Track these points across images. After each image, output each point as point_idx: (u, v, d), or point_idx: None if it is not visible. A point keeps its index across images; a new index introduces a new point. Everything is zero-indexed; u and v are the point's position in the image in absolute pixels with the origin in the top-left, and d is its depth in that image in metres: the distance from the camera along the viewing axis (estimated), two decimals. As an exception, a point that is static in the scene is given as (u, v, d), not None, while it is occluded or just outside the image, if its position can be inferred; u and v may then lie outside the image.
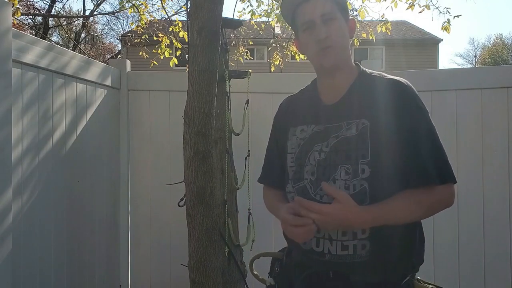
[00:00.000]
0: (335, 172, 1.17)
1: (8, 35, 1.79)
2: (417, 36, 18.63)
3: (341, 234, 1.16)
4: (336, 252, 1.17)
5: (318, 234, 1.19)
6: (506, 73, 2.65)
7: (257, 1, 4.93)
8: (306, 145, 1.26)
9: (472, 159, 2.62)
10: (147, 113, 3.01)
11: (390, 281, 1.17)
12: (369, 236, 1.15)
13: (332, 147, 1.20)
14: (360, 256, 1.15)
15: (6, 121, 1.78)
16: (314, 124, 1.27)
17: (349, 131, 1.19)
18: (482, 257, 2.62)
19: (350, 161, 1.16)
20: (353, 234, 1.15)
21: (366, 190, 1.13)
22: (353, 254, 1.16)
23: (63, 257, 2.27)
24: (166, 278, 2.97)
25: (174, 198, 2.30)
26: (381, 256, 1.16)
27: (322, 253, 1.20)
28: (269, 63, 6.58)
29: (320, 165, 1.21)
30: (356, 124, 1.19)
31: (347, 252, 1.16)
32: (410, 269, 1.20)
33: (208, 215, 1.97)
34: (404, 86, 1.20)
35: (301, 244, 1.23)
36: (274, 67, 5.96)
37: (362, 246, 1.15)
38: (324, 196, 1.18)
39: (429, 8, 4.33)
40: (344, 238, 1.16)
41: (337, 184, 1.17)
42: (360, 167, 1.14)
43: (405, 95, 1.18)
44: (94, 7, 16.49)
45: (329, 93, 1.29)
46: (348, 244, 1.16)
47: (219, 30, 1.97)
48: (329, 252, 1.18)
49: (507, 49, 31.88)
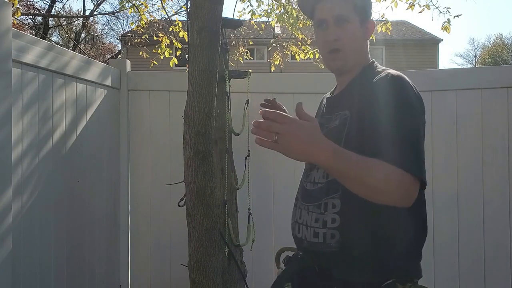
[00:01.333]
0: None
1: (8, 35, 1.79)
2: (417, 36, 18.63)
3: (314, 220, 1.20)
4: (309, 239, 1.21)
5: (299, 220, 1.26)
6: (506, 73, 2.65)
7: (257, 1, 4.93)
8: None
9: (472, 159, 2.62)
10: (147, 113, 3.01)
11: (369, 281, 1.13)
12: (339, 226, 1.15)
13: None
14: (329, 246, 1.16)
15: (6, 121, 1.78)
16: (320, 116, 1.37)
17: (333, 123, 1.24)
18: (482, 257, 2.62)
19: None
20: (323, 222, 1.17)
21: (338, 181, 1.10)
22: (323, 243, 1.17)
23: (63, 257, 2.27)
24: (166, 278, 2.97)
25: (174, 198, 2.30)
26: (351, 249, 1.15)
27: (301, 240, 1.25)
28: (269, 63, 6.58)
29: None
30: (340, 115, 1.23)
31: (318, 240, 1.18)
32: (394, 271, 1.14)
33: (208, 215, 1.97)
34: (394, 80, 1.14)
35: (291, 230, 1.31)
36: (274, 67, 5.96)
37: (332, 236, 1.16)
38: (309, 183, 1.27)
39: (429, 8, 4.33)
40: (316, 225, 1.19)
41: (320, 172, 1.23)
42: None
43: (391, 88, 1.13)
44: (94, 7, 16.50)
45: (338, 88, 1.36)
46: (319, 231, 1.18)
47: (219, 30, 1.97)
48: (305, 238, 1.22)
49: (507, 49, 31.87)
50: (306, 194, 1.27)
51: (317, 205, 1.20)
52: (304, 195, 1.29)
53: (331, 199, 1.17)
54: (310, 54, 5.34)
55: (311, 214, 1.21)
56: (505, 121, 2.58)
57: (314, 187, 1.24)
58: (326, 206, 1.18)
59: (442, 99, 2.66)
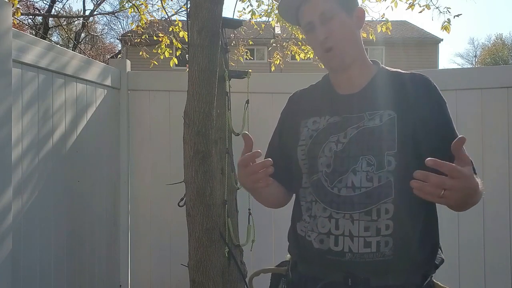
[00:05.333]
0: (355, 163, 1.12)
1: (8, 35, 1.79)
2: (417, 36, 18.63)
3: (363, 229, 1.09)
4: (358, 250, 1.09)
5: (336, 232, 1.12)
6: (506, 73, 2.65)
7: (257, 1, 4.93)
8: (319, 136, 1.20)
9: (472, 159, 2.61)
10: (147, 113, 3.01)
11: (412, 283, 1.12)
12: (393, 232, 1.09)
13: (352, 137, 1.15)
14: (383, 254, 1.09)
15: (6, 121, 1.78)
16: (329, 115, 1.21)
17: (371, 122, 1.14)
18: (482, 257, 2.62)
19: (373, 152, 1.11)
20: (376, 230, 1.09)
21: (391, 184, 1.09)
22: (376, 252, 1.09)
23: (63, 257, 2.27)
24: (166, 278, 2.97)
25: (174, 198, 2.30)
26: (405, 256, 1.10)
27: (342, 253, 1.11)
28: (269, 63, 6.58)
29: (338, 156, 1.14)
30: (380, 115, 1.14)
31: (370, 250, 1.09)
32: (433, 269, 1.16)
33: (208, 215, 1.97)
34: (428, 80, 1.20)
35: (316, 244, 1.15)
36: (274, 67, 5.95)
37: (386, 243, 1.09)
38: (343, 188, 1.12)
39: (429, 8, 4.32)
40: (366, 234, 1.09)
41: (358, 176, 1.11)
42: (386, 159, 1.10)
43: (431, 88, 1.19)
44: (94, 7, 16.49)
45: (346, 85, 1.24)
46: (371, 240, 1.09)
47: (219, 30, 1.97)
48: (350, 250, 1.10)
49: (507, 49, 31.88)
50: (341, 201, 1.12)
51: (366, 212, 1.10)
52: (336, 202, 1.13)
53: (383, 204, 1.09)
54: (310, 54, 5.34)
55: (357, 222, 1.10)
56: (505, 121, 2.58)
57: (355, 192, 1.11)
58: (379, 212, 1.10)
59: (442, 99, 2.66)
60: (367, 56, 1.28)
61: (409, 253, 1.11)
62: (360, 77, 1.23)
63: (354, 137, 1.14)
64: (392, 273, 1.11)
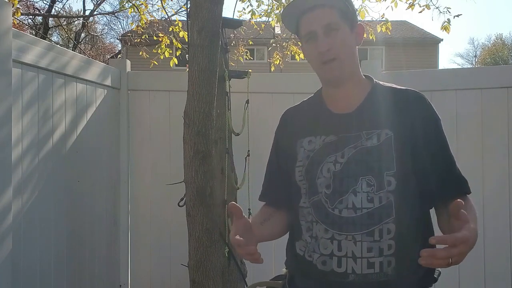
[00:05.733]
0: (355, 184, 1.12)
1: (8, 35, 1.79)
2: (417, 36, 18.63)
3: (366, 250, 1.10)
4: (361, 271, 1.09)
5: (339, 253, 1.11)
6: (506, 73, 2.66)
7: (257, 1, 4.93)
8: (316, 157, 1.19)
9: (472, 159, 2.62)
10: (147, 113, 3.01)
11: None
12: (395, 252, 1.10)
13: (350, 157, 1.14)
14: (386, 275, 1.09)
15: (6, 120, 1.78)
16: (325, 135, 1.20)
17: (369, 141, 1.14)
18: (482, 257, 2.62)
19: (373, 173, 1.11)
20: (379, 250, 1.09)
21: (392, 204, 1.10)
22: (379, 272, 1.09)
23: (63, 257, 2.27)
24: (166, 278, 2.97)
25: (174, 198, 2.30)
26: (407, 273, 1.11)
27: (345, 274, 1.11)
28: (269, 63, 6.58)
29: (336, 176, 1.14)
30: (377, 134, 1.14)
31: (373, 270, 1.09)
32: (431, 282, 1.19)
33: (208, 215, 1.98)
34: (423, 97, 1.20)
35: (319, 266, 1.14)
36: (274, 67, 5.95)
37: (388, 263, 1.09)
38: (344, 210, 1.12)
39: (429, 8, 4.32)
40: (370, 254, 1.09)
41: (359, 197, 1.11)
42: (386, 179, 1.10)
43: (426, 106, 1.19)
44: (94, 7, 16.48)
45: (340, 103, 1.23)
46: (375, 261, 1.09)
47: (219, 30, 1.97)
48: (353, 272, 1.10)
49: (507, 49, 31.88)
50: (343, 222, 1.11)
51: (368, 233, 1.10)
52: (338, 223, 1.12)
53: (385, 224, 1.10)
54: (310, 54, 5.33)
55: (360, 243, 1.10)
56: (505, 121, 2.58)
57: (357, 213, 1.11)
58: (381, 232, 1.10)
59: (442, 99, 2.65)
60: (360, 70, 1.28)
61: (411, 270, 1.12)
62: (355, 94, 1.22)
63: (352, 157, 1.14)
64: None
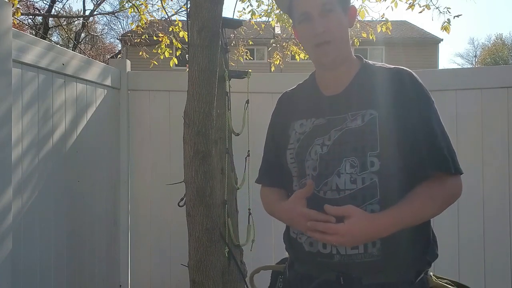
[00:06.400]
0: (339, 166, 1.11)
1: (8, 35, 1.79)
2: (417, 36, 18.63)
3: None
4: (345, 252, 1.11)
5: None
6: (506, 73, 2.65)
7: (257, 1, 4.93)
8: (306, 140, 1.20)
9: (472, 159, 2.62)
10: (147, 113, 3.01)
11: (404, 280, 1.12)
12: None
13: (335, 140, 1.14)
14: (371, 255, 1.10)
15: (6, 121, 1.78)
16: (314, 117, 1.20)
17: (354, 122, 1.13)
18: (482, 257, 2.62)
19: (356, 153, 1.10)
20: None
21: (376, 184, 1.09)
22: (364, 253, 1.10)
23: (63, 257, 2.27)
24: (166, 278, 2.97)
25: (174, 198, 2.30)
26: (394, 255, 1.10)
27: (330, 255, 1.13)
28: (269, 63, 6.58)
29: (323, 159, 1.14)
30: (362, 115, 1.13)
31: (357, 251, 1.10)
32: (425, 266, 1.17)
33: (208, 215, 1.97)
34: (413, 75, 1.17)
35: (306, 247, 1.17)
36: (274, 67, 5.96)
37: (373, 244, 1.09)
38: (328, 191, 1.12)
39: (429, 8, 4.33)
40: None
41: (342, 178, 1.11)
42: (369, 160, 1.09)
43: (412, 84, 1.16)
44: (94, 7, 16.48)
45: (331, 85, 1.22)
46: None
47: (219, 30, 1.97)
48: (337, 252, 1.11)
49: (507, 49, 31.88)
50: (327, 203, 1.09)
51: None
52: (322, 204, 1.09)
53: (369, 205, 1.09)
54: (310, 54, 5.33)
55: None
56: (505, 121, 2.58)
57: (340, 194, 1.11)
58: None
59: (442, 99, 2.65)
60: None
61: (398, 252, 1.11)
62: (345, 75, 1.21)
63: (337, 139, 1.14)
64: (383, 272, 1.11)
